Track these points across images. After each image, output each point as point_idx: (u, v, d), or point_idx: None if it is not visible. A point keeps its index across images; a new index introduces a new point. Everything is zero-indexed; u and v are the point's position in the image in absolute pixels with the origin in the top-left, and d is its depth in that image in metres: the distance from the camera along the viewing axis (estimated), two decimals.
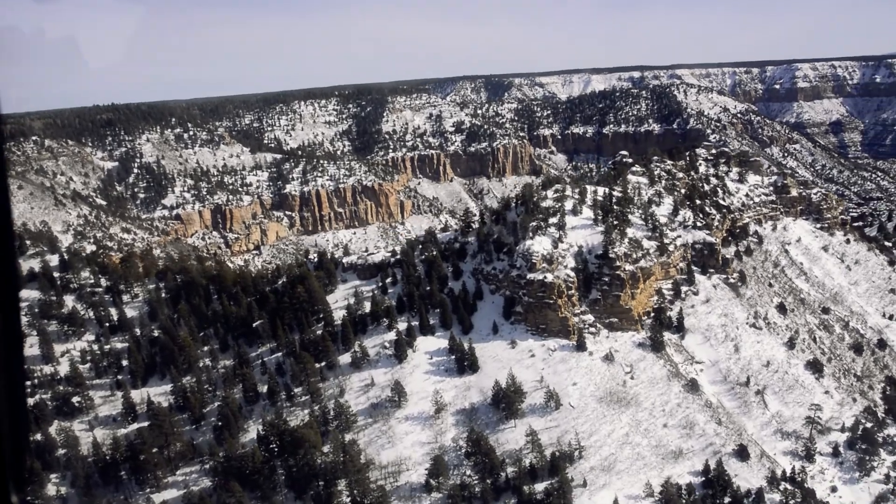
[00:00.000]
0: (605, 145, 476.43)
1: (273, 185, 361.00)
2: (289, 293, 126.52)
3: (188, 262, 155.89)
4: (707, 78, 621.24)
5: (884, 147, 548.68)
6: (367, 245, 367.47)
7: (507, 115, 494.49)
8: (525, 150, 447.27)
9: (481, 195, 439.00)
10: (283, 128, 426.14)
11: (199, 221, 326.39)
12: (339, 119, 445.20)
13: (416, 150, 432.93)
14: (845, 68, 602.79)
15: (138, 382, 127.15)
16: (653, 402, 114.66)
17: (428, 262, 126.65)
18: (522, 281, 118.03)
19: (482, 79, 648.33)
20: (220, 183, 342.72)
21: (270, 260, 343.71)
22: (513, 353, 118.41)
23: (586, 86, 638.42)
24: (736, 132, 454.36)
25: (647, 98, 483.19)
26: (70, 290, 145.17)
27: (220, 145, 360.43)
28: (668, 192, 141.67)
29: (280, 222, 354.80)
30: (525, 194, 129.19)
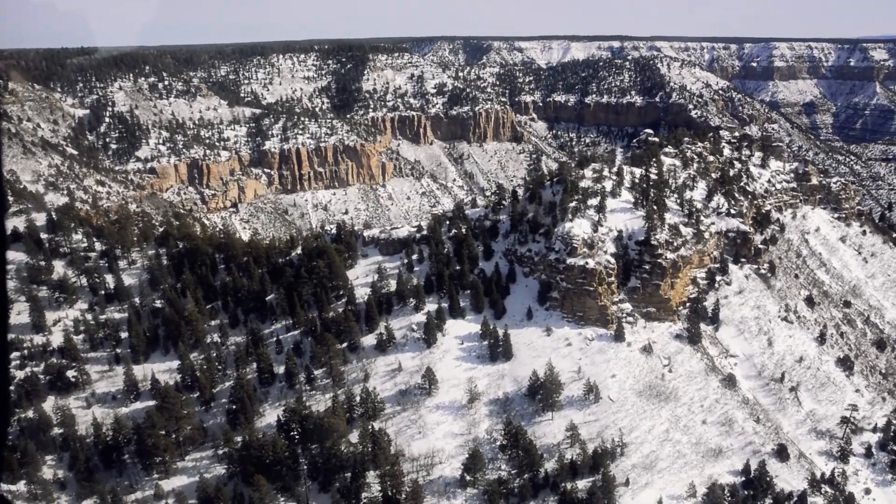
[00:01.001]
0: (587, 115, 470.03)
1: (252, 141, 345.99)
2: (306, 266, 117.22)
3: (190, 228, 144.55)
4: (686, 52, 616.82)
5: (854, 130, 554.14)
6: (347, 206, 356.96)
7: (488, 80, 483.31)
8: (507, 116, 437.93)
9: (461, 160, 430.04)
10: (260, 81, 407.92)
11: (175, 176, 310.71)
12: (319, 75, 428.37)
13: (396, 110, 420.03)
14: (821, 50, 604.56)
15: (140, 357, 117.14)
16: (691, 397, 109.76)
17: (457, 240, 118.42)
18: (561, 265, 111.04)
19: (461, 40, 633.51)
20: (196, 136, 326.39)
21: (248, 218, 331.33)
22: (548, 340, 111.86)
23: (565, 53, 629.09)
24: (717, 109, 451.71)
25: (629, 69, 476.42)
26: (60, 253, 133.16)
27: (197, 97, 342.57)
28: (701, 176, 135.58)
29: (258, 180, 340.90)
30: (562, 172, 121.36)
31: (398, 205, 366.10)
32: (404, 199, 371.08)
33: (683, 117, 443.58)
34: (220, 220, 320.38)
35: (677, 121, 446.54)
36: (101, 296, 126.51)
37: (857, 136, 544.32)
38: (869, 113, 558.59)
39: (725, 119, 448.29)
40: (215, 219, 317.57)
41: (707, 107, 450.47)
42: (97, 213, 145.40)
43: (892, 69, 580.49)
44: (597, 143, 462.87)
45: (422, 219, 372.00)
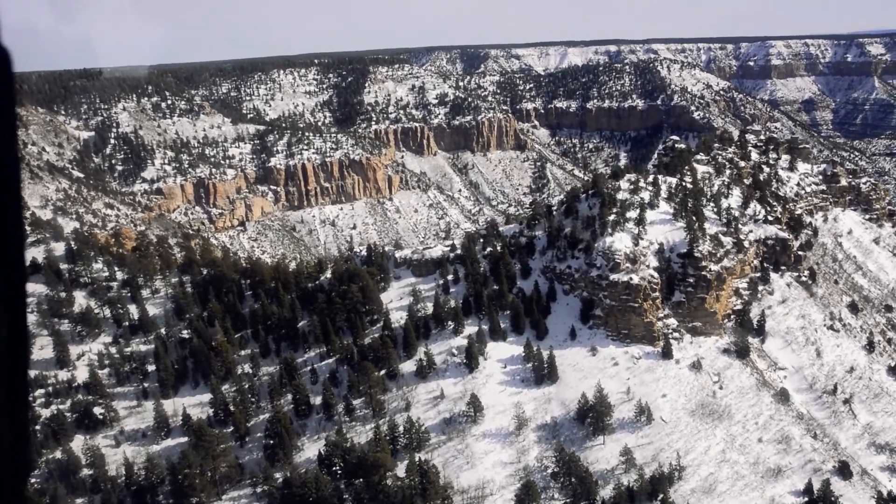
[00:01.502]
0: (589, 120, 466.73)
1: (257, 158, 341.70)
2: (339, 291, 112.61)
3: (214, 254, 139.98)
4: (682, 53, 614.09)
5: (854, 126, 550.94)
6: (354, 221, 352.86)
7: (489, 88, 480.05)
8: (510, 125, 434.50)
9: (466, 170, 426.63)
10: (261, 97, 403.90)
11: (182, 196, 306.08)
12: (320, 89, 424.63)
13: (399, 122, 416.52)
14: (818, 46, 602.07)
15: (169, 392, 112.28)
16: (744, 414, 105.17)
17: (493, 259, 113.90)
18: (604, 282, 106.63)
19: (458, 49, 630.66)
20: (201, 155, 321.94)
21: (256, 237, 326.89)
22: (594, 361, 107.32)
23: (562, 59, 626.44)
24: (719, 109, 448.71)
25: (630, 73, 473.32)
26: (80, 284, 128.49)
27: (200, 115, 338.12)
28: (735, 183, 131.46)
29: (265, 197, 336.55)
30: (597, 184, 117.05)
31: (406, 218, 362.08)
32: (412, 211, 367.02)
33: (686, 119, 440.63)
34: (227, 239, 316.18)
35: (680, 123, 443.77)
36: (126, 327, 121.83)
37: (858, 131, 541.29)
38: (869, 108, 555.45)
39: (728, 119, 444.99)
40: (223, 238, 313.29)
41: (709, 108, 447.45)
42: (116, 241, 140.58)
43: (889, 63, 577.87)
44: (600, 149, 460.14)
45: (430, 231, 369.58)
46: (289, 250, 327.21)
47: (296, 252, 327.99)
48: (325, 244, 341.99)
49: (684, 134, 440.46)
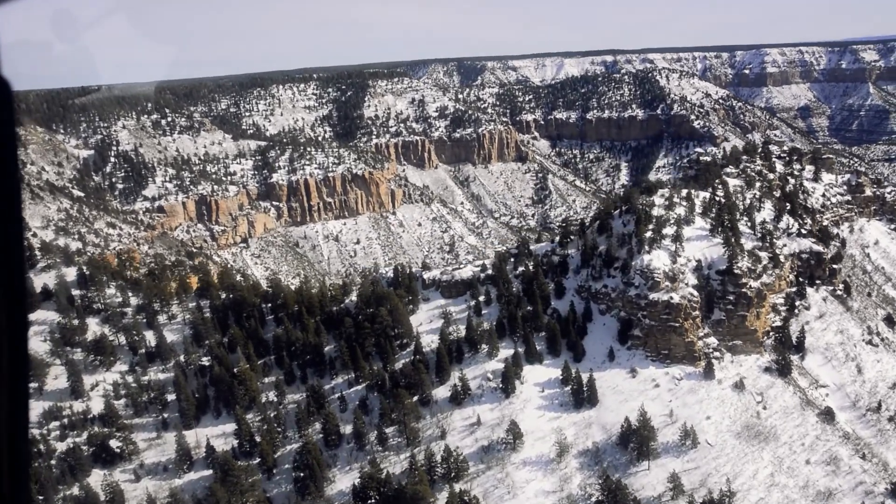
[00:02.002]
0: (589, 131, 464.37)
1: (258, 174, 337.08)
2: (367, 315, 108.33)
3: (233, 278, 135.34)
4: (678, 62, 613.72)
5: (850, 132, 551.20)
6: (358, 236, 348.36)
7: (488, 100, 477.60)
8: (511, 137, 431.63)
9: (467, 182, 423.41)
10: (261, 113, 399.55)
11: (184, 213, 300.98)
12: (319, 104, 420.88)
13: (399, 136, 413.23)
14: (812, 54, 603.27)
15: (190, 422, 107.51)
16: (790, 435, 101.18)
17: (526, 279, 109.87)
18: (643, 301, 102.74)
19: (454, 62, 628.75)
20: (202, 172, 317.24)
21: (259, 253, 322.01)
22: (634, 383, 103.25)
23: (559, 70, 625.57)
24: (719, 118, 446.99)
25: (629, 83, 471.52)
26: (93, 310, 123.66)
27: (201, 132, 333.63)
28: (765, 196, 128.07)
29: (267, 213, 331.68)
30: (631, 200, 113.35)
31: (410, 232, 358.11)
32: (415, 225, 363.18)
33: (686, 128, 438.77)
34: (230, 256, 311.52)
35: (680, 132, 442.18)
36: (142, 355, 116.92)
37: (854, 137, 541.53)
38: (864, 114, 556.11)
39: (728, 128, 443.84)
40: (226, 255, 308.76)
41: (709, 116, 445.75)
42: (129, 265, 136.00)
43: (883, 70, 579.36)
44: (601, 159, 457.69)
45: (434, 245, 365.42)
46: (292, 266, 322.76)
47: (299, 268, 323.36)
48: (328, 259, 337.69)
49: (685, 143, 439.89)
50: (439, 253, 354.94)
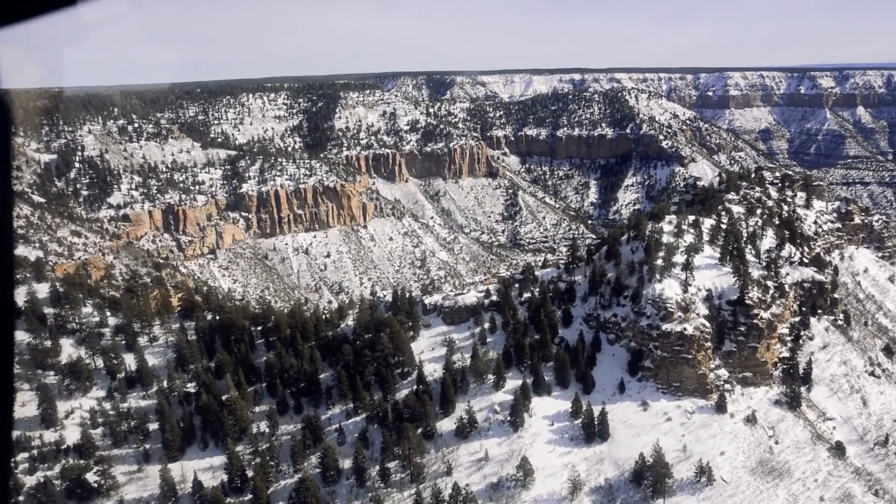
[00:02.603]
0: (559, 148, 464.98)
1: (228, 184, 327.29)
2: (365, 341, 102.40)
3: (221, 299, 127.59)
4: (644, 82, 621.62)
5: (808, 155, 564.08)
6: (328, 249, 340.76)
7: (459, 115, 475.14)
8: (482, 152, 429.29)
9: (438, 197, 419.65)
10: (230, 121, 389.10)
11: (150, 222, 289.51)
12: (290, 114, 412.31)
13: (370, 148, 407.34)
14: (773, 78, 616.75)
15: (175, 454, 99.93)
16: (803, 471, 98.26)
17: (533, 306, 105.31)
18: (654, 332, 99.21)
19: (423, 75, 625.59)
20: (170, 181, 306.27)
21: (227, 265, 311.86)
22: (645, 416, 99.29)
23: (527, 86, 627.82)
24: (686, 139, 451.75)
25: (598, 102, 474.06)
26: (67, 330, 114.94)
27: (169, 139, 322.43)
28: (767, 224, 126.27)
29: (236, 224, 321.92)
30: (639, 226, 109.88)
31: (381, 246, 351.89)
32: (386, 239, 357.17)
33: (655, 148, 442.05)
34: (197, 267, 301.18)
35: (649, 152, 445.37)
36: (122, 380, 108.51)
37: (812, 160, 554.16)
38: (821, 138, 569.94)
39: (695, 149, 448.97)
40: (193, 266, 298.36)
41: (676, 137, 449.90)
42: (109, 281, 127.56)
43: (839, 96, 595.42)
44: (570, 176, 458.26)
45: (405, 260, 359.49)
46: (261, 279, 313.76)
47: (268, 281, 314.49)
48: (298, 273, 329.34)
49: (653, 162, 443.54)
50: (410, 268, 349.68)
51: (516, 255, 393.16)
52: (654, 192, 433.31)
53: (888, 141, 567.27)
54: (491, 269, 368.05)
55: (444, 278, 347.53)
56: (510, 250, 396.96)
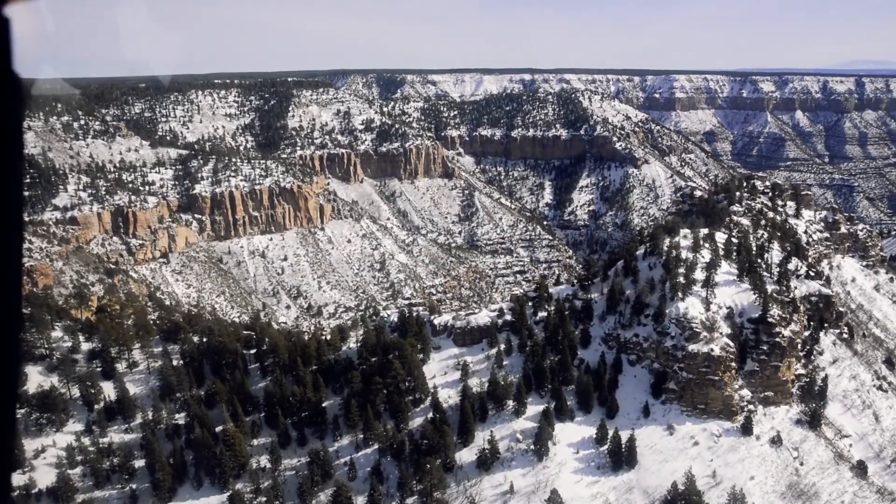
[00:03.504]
0: (514, 149, 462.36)
1: (179, 185, 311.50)
2: (372, 365, 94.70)
3: (208, 320, 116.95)
4: (593, 84, 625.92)
5: (751, 157, 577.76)
6: (285, 252, 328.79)
7: (413, 114, 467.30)
8: (438, 152, 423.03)
9: (393, 198, 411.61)
10: (178, 119, 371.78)
11: (98, 225, 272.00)
12: (241, 112, 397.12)
13: (324, 148, 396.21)
14: (716, 82, 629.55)
15: (165, 494, 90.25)
16: (829, 493, 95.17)
17: (551, 326, 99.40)
18: (680, 353, 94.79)
19: (374, 73, 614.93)
20: (118, 181, 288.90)
21: (181, 269, 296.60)
22: (672, 440, 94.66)
23: (478, 86, 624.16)
24: (639, 140, 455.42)
25: (552, 103, 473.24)
26: (35, 357, 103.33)
27: (116, 137, 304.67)
28: (772, 237, 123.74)
29: (189, 227, 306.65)
30: (656, 241, 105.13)
31: (339, 249, 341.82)
32: (345, 242, 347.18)
33: (609, 150, 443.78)
34: (149, 272, 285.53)
35: (603, 153, 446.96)
36: (101, 412, 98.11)
37: (755, 162, 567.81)
38: (763, 140, 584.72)
39: (648, 150, 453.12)
40: (144, 271, 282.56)
41: (629, 139, 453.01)
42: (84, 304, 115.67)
43: (779, 100, 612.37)
44: (525, 177, 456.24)
45: (364, 263, 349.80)
46: (216, 284, 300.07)
47: (224, 286, 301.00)
48: (255, 277, 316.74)
49: (607, 164, 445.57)
50: (370, 271, 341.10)
51: (475, 256, 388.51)
52: (608, 193, 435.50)
53: (824, 144, 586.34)
54: (451, 272, 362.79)
55: (404, 281, 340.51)
56: (468, 252, 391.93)
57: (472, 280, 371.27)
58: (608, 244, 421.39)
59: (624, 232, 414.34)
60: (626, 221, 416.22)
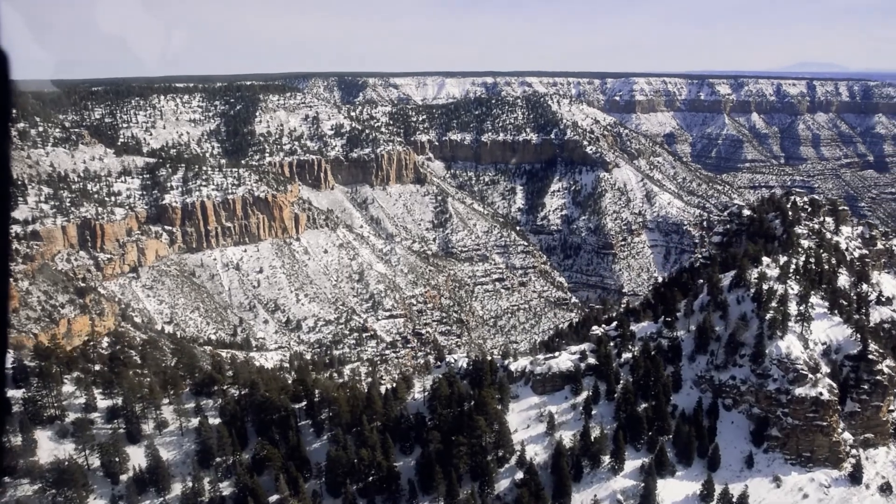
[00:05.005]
0: (484, 153, 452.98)
1: (148, 195, 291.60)
2: (446, 419, 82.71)
3: (246, 368, 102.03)
4: (554, 86, 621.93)
5: (710, 159, 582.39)
6: (260, 264, 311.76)
7: (381, 119, 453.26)
8: (410, 158, 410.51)
9: (366, 205, 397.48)
10: (141, 125, 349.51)
11: (63, 239, 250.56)
12: (206, 117, 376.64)
13: (294, 154, 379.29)
14: (675, 84, 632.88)
15: None
16: None
17: (641, 369, 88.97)
18: (784, 397, 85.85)
19: (335, 76, 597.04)
20: (83, 191, 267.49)
21: (151, 284, 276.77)
22: (780, 494, 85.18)
23: (440, 89, 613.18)
24: (608, 144, 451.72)
25: (522, 107, 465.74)
26: (44, 419, 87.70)
27: (79, 145, 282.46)
28: (841, 260, 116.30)
29: (159, 239, 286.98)
30: (742, 271, 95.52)
31: (316, 259, 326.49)
32: (321, 252, 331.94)
33: (579, 153, 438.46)
34: (118, 288, 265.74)
35: (573, 157, 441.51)
36: (129, 482, 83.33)
37: (714, 164, 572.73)
38: (721, 142, 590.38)
39: (617, 154, 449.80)
40: (113, 287, 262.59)
41: (599, 142, 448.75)
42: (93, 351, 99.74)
43: (735, 102, 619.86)
44: (496, 182, 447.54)
45: (342, 274, 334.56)
46: (189, 299, 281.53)
47: (198, 301, 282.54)
48: (229, 291, 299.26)
49: (578, 168, 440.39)
50: (348, 282, 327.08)
51: (453, 264, 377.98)
52: (580, 197, 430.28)
53: (780, 145, 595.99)
54: (430, 281, 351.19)
55: (384, 292, 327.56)
56: (445, 260, 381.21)
57: (452, 289, 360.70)
58: (582, 249, 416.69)
59: (597, 236, 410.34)
60: (599, 226, 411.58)
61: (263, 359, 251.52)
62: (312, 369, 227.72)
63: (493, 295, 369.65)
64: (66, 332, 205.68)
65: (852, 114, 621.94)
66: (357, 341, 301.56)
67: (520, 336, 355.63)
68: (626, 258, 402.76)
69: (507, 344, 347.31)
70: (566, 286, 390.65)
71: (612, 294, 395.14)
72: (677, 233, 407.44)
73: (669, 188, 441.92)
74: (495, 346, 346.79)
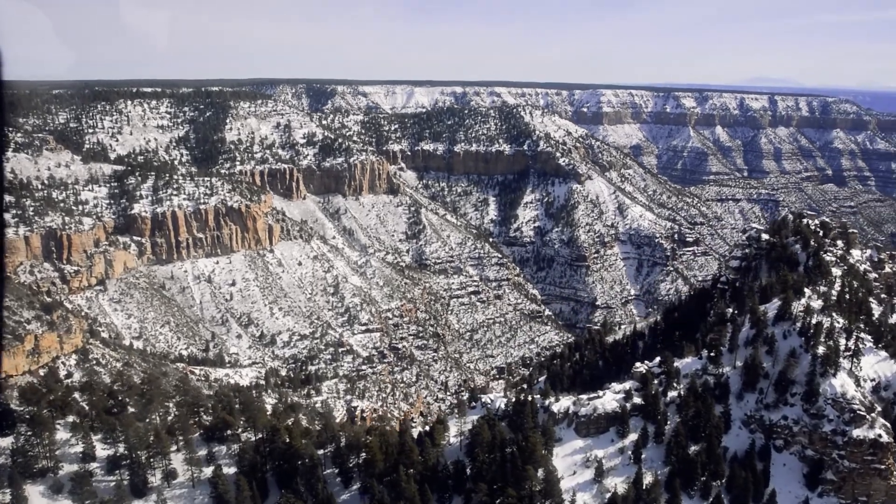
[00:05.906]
0: (456, 164, 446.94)
1: (115, 204, 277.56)
2: (487, 468, 75.72)
3: (274, 415, 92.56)
4: (522, 97, 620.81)
5: (676, 171, 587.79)
6: (233, 277, 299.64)
7: (353, 128, 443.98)
8: (383, 168, 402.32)
9: (338, 215, 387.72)
10: (107, 131, 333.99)
11: (27, 250, 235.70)
12: (174, 124, 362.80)
13: (265, 163, 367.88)
14: (641, 97, 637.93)
15: None
16: None
17: (690, 409, 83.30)
18: (840, 439, 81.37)
19: (303, 83, 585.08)
20: (48, 200, 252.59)
21: (119, 298, 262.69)
22: None
23: (409, 98, 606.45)
24: (580, 156, 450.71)
25: (495, 118, 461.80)
26: (35, 473, 77.66)
27: (43, 151, 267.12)
28: (870, 288, 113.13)
29: (128, 250, 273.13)
30: (786, 303, 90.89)
31: (290, 272, 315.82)
32: (295, 264, 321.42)
33: (552, 165, 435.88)
34: (85, 301, 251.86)
35: (546, 169, 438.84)
36: None
37: (680, 176, 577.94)
38: (686, 155, 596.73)
39: (590, 166, 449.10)
40: (79, 301, 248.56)
41: (571, 154, 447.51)
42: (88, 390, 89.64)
43: (700, 116, 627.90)
44: (468, 193, 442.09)
45: (317, 287, 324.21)
46: (160, 313, 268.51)
47: (168, 315, 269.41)
48: (201, 304, 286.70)
49: (550, 179, 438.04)
50: (323, 295, 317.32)
51: (427, 276, 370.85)
52: (553, 209, 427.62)
53: (743, 159, 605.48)
54: (406, 294, 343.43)
55: (359, 306, 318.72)
56: (420, 272, 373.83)
57: (428, 302, 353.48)
58: (555, 261, 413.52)
59: (570, 249, 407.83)
60: (572, 238, 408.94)
61: (238, 375, 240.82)
62: (289, 387, 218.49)
63: (469, 308, 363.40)
64: (33, 350, 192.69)
65: (811, 128, 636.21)
66: (333, 356, 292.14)
67: (496, 350, 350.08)
68: (599, 270, 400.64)
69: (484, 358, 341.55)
70: (539, 299, 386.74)
71: (586, 307, 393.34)
72: (649, 245, 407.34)
73: (641, 200, 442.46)
74: (471, 361, 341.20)
